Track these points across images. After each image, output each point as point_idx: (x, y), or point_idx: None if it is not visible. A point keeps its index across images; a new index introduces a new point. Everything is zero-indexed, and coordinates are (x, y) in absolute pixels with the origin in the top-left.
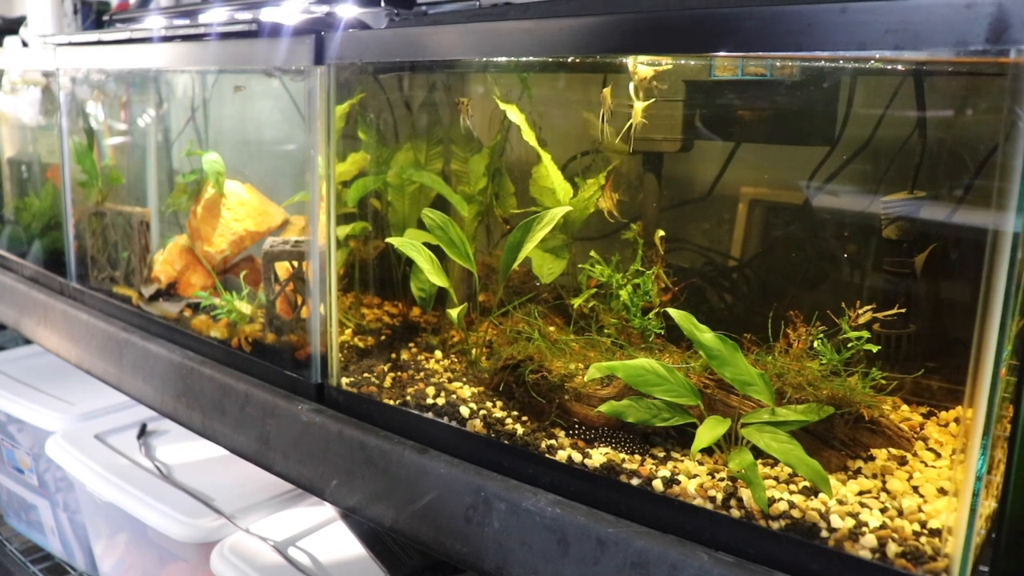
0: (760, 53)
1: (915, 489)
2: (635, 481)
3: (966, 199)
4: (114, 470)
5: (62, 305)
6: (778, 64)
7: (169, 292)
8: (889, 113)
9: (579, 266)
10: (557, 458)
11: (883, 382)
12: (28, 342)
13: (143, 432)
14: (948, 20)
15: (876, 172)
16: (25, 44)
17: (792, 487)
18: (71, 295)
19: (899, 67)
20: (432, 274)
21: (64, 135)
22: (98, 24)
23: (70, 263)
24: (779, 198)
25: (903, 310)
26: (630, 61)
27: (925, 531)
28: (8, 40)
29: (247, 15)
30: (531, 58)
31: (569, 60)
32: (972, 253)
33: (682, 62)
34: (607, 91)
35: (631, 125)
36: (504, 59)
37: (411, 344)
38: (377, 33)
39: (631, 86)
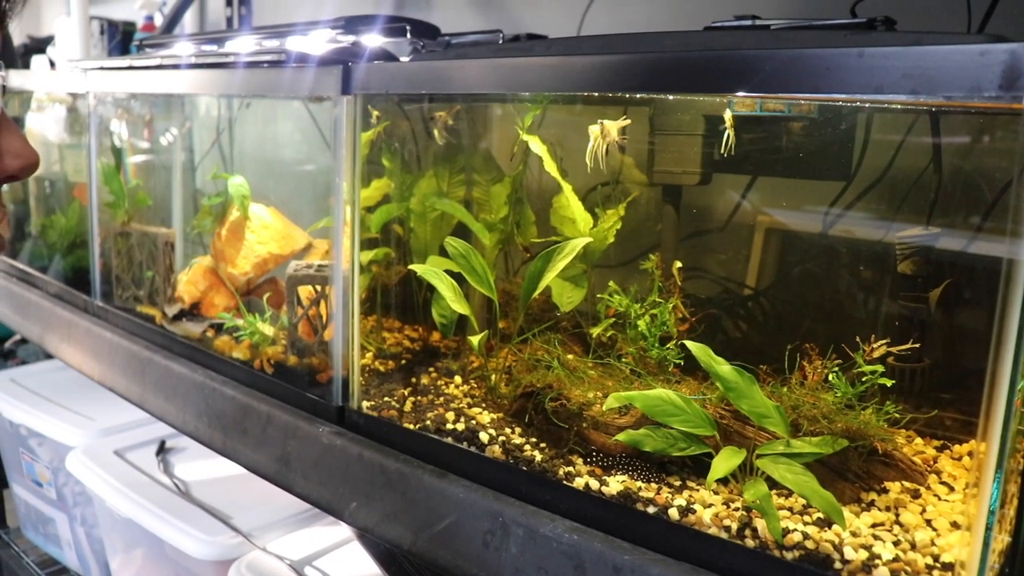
0: (779, 95)
1: (928, 522)
2: (651, 509)
3: (980, 235)
4: (133, 486)
5: (86, 323)
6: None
7: (192, 312)
8: (904, 150)
9: (598, 296)
10: (575, 485)
11: (897, 416)
12: (49, 357)
13: (162, 449)
14: (963, 66)
15: (891, 208)
16: (52, 64)
17: (806, 518)
18: (95, 313)
19: (916, 106)
20: (454, 302)
21: (92, 157)
22: (124, 44)
23: (95, 281)
24: (794, 234)
25: (917, 345)
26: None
27: (938, 565)
28: (35, 59)
29: (274, 43)
30: (555, 93)
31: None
32: (986, 288)
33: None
34: (607, 123)
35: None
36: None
37: (431, 369)
38: (404, 65)
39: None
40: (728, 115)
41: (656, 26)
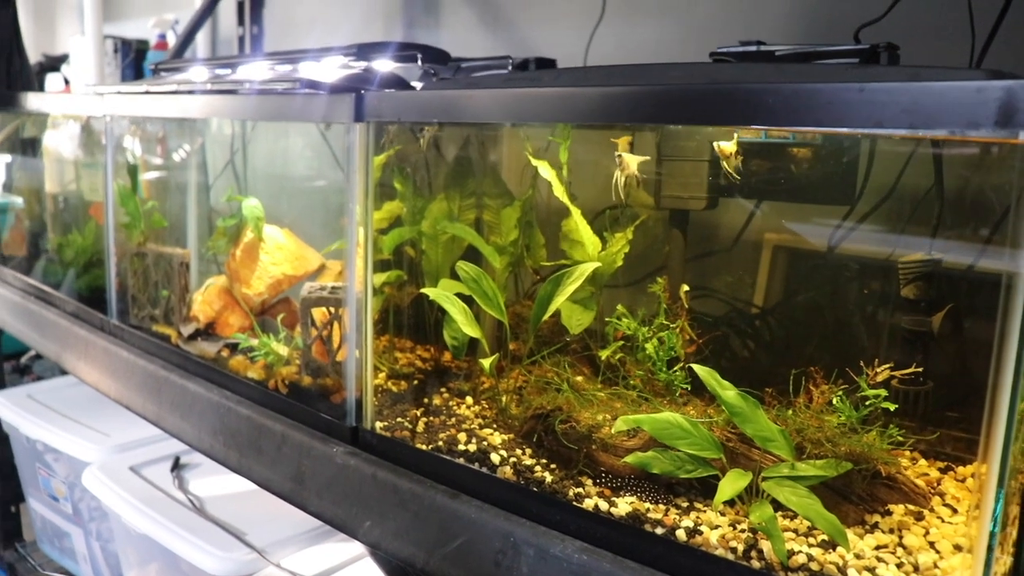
0: (782, 127)
1: (931, 545)
2: (659, 530)
3: (982, 257)
4: (149, 502)
5: (103, 341)
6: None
7: (207, 331)
8: (907, 176)
9: (607, 319)
10: (584, 506)
11: (900, 439)
12: (64, 372)
13: (176, 465)
14: (960, 103)
15: (895, 232)
16: (67, 81)
17: (811, 540)
18: (111, 332)
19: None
20: (465, 325)
21: (109, 179)
22: (137, 62)
23: (111, 301)
24: (799, 256)
25: (920, 369)
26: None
27: None
28: (50, 77)
29: (287, 67)
30: (564, 123)
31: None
32: (986, 311)
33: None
34: (627, 157)
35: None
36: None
37: (443, 389)
38: (415, 94)
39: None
40: (731, 148)
41: (663, 47)
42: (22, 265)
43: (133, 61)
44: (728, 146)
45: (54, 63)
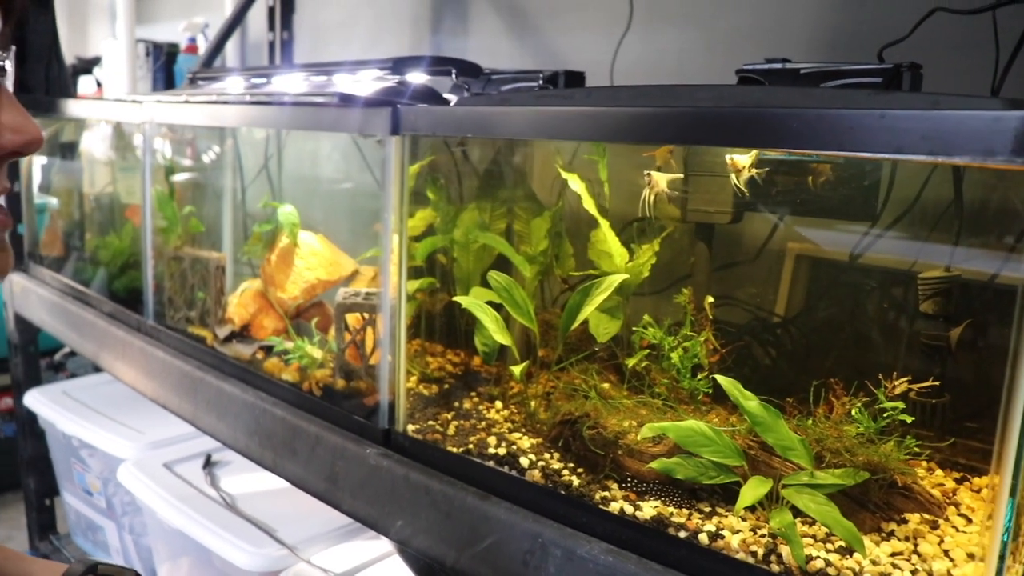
0: (805, 151)
1: (946, 553)
2: (682, 534)
3: (998, 277)
4: (182, 498)
5: (139, 342)
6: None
7: (242, 334)
8: (927, 193)
9: (633, 329)
10: (610, 509)
11: (917, 449)
12: (99, 370)
13: (208, 462)
14: (978, 131)
15: (915, 248)
16: (99, 84)
17: (829, 546)
18: (148, 332)
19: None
20: (496, 333)
21: (147, 184)
22: (168, 66)
23: (148, 302)
24: (820, 269)
25: (937, 383)
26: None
27: None
28: (83, 79)
29: (322, 78)
30: (594, 141)
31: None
32: (1002, 326)
33: None
34: (656, 176)
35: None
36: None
37: (473, 393)
38: (451, 110)
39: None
40: (744, 162)
41: (687, 55)
42: (57, 265)
43: (164, 64)
44: (741, 160)
45: (87, 65)
